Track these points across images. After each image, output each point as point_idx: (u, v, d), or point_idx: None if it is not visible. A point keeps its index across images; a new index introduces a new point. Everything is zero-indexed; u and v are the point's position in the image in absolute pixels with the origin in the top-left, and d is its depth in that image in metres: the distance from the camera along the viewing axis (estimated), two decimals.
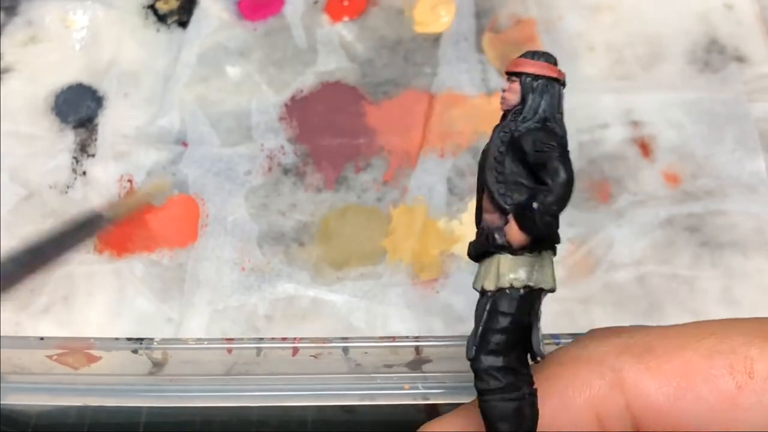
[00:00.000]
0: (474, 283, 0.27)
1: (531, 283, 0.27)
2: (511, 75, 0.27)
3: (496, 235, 0.27)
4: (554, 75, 0.28)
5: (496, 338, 0.27)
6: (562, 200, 0.26)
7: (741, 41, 0.49)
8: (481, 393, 0.26)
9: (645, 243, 0.43)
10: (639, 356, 0.25)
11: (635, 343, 0.26)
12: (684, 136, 0.46)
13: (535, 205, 0.27)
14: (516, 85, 0.28)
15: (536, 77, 0.28)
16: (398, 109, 0.48)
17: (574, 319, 0.41)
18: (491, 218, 0.28)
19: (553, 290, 0.27)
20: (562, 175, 0.27)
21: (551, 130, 0.28)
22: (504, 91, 0.27)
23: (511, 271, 0.27)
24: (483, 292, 0.27)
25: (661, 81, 0.48)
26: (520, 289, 0.27)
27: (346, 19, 0.51)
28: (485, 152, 0.28)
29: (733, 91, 0.48)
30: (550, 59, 0.28)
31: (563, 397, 0.26)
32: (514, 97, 0.28)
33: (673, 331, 0.26)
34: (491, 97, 0.48)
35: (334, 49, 0.50)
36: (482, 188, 0.28)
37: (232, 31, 0.51)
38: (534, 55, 0.28)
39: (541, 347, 0.26)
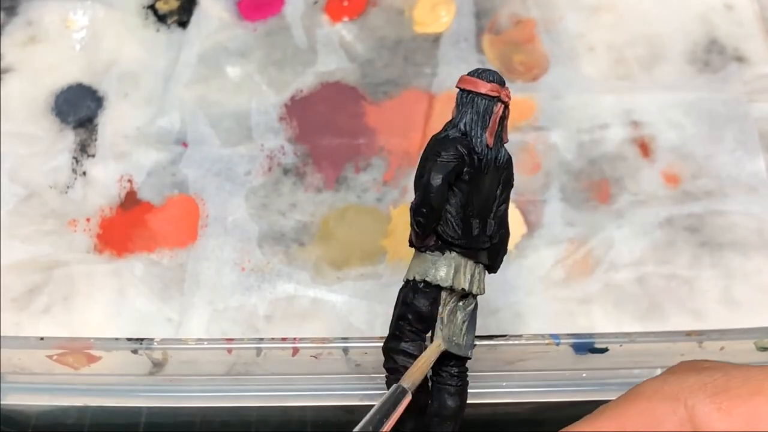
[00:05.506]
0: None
1: None
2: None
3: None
4: (481, 90, 0.29)
5: None
6: None
7: (741, 41, 0.49)
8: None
9: (645, 243, 0.43)
10: (713, 396, 0.26)
11: (712, 382, 0.27)
12: (684, 136, 0.46)
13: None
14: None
15: (466, 92, 0.30)
16: (398, 109, 0.48)
17: (574, 319, 0.41)
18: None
19: None
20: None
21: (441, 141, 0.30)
22: None
23: None
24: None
25: (661, 81, 0.48)
26: None
27: (346, 19, 0.51)
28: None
29: (733, 91, 0.48)
30: (488, 76, 0.30)
31: (642, 428, 0.27)
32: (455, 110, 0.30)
33: (752, 373, 0.27)
34: None
35: (334, 49, 0.50)
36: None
37: (232, 31, 0.51)
38: (477, 72, 0.30)
39: None
